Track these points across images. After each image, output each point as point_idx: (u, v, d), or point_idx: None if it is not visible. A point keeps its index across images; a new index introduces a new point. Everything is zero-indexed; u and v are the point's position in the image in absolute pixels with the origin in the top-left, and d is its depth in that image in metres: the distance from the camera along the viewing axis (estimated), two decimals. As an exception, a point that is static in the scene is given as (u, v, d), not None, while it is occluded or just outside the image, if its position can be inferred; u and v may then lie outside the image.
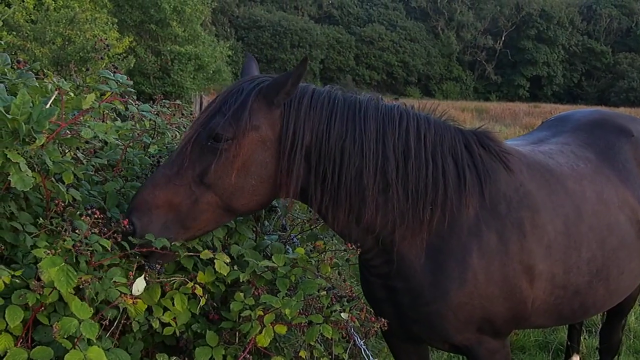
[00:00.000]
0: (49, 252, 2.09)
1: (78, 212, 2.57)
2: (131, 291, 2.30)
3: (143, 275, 2.40)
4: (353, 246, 2.79)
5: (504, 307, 2.90)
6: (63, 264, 2.06)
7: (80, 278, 2.10)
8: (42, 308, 2.15)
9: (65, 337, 2.00)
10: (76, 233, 2.20)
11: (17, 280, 2.09)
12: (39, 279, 2.05)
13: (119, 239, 2.38)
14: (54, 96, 2.44)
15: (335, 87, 2.88)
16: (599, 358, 4.87)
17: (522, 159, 3.14)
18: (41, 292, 2.05)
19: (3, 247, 2.28)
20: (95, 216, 2.28)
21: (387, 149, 2.70)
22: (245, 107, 2.59)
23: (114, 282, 2.31)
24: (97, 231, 2.27)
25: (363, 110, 2.73)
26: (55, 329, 1.99)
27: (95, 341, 2.04)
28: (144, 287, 2.36)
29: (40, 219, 2.43)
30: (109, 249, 2.31)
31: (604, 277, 3.22)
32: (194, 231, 2.64)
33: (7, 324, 2.01)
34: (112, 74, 2.86)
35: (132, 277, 2.37)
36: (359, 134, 2.68)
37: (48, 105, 2.34)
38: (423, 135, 2.77)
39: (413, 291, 2.87)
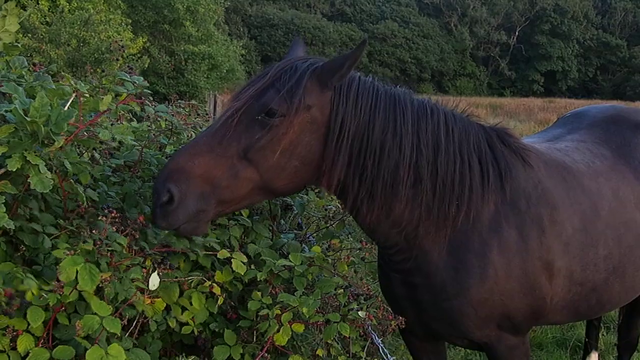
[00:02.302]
0: (68, 252, 2.11)
1: (96, 213, 2.60)
2: (148, 287, 2.32)
3: (156, 271, 2.41)
4: (368, 244, 2.79)
5: (524, 303, 2.91)
6: (85, 262, 2.08)
7: (102, 277, 2.12)
8: (63, 308, 2.17)
9: (87, 334, 2.02)
10: (94, 233, 2.21)
11: (33, 287, 2.11)
12: (58, 280, 2.07)
13: (136, 236, 2.38)
14: (71, 98, 2.46)
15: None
16: (617, 354, 4.84)
17: (540, 156, 3.14)
18: (61, 293, 2.07)
19: (24, 249, 2.31)
20: (112, 215, 2.27)
21: (421, 143, 2.69)
22: (300, 85, 2.53)
23: (132, 280, 2.33)
24: (115, 229, 2.29)
25: (402, 103, 2.72)
26: (79, 326, 2.01)
27: (116, 339, 2.06)
28: (158, 282, 2.37)
29: (61, 220, 2.45)
30: (126, 246, 2.33)
31: (620, 274, 3.21)
32: (229, 206, 2.57)
33: (29, 324, 2.03)
34: (128, 76, 2.88)
35: (146, 274, 2.39)
36: (399, 127, 2.66)
37: (66, 108, 2.36)
38: (451, 130, 2.77)
39: (434, 287, 2.87)
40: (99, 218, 2.29)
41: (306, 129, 2.57)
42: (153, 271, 2.39)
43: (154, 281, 2.35)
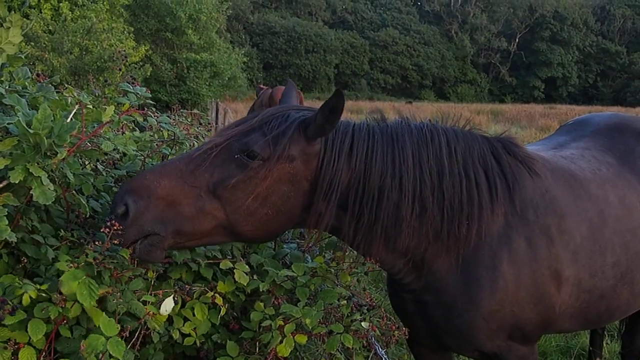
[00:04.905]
0: (71, 265, 2.10)
1: (98, 224, 2.59)
2: (159, 310, 2.30)
3: (172, 296, 2.40)
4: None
5: (534, 312, 2.90)
6: (84, 277, 2.07)
7: (101, 292, 2.11)
8: (65, 321, 2.16)
9: (92, 354, 2.01)
10: (97, 244, 2.20)
11: (42, 294, 2.10)
12: (60, 292, 2.06)
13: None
14: (74, 110, 2.46)
15: (369, 119, 2.81)
16: (621, 363, 4.82)
17: (546, 164, 3.13)
18: (63, 305, 2.06)
19: (26, 260, 2.30)
20: (115, 227, 2.23)
21: (423, 173, 2.65)
22: (287, 134, 2.48)
23: (134, 291, 2.33)
24: (117, 242, 2.27)
25: (400, 141, 2.66)
26: (83, 346, 1.99)
27: (120, 358, 2.04)
28: (172, 307, 2.36)
29: (62, 230, 2.44)
30: (128, 258, 2.31)
31: (628, 281, 3.21)
32: (187, 239, 2.46)
33: (30, 338, 2.02)
34: (131, 87, 2.88)
35: (161, 295, 2.37)
36: (399, 167, 2.61)
37: (69, 119, 2.36)
38: (454, 150, 2.73)
39: (445, 303, 2.86)
40: (102, 230, 2.26)
41: (285, 179, 2.51)
42: (168, 295, 2.38)
43: (168, 306, 2.33)
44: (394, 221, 2.63)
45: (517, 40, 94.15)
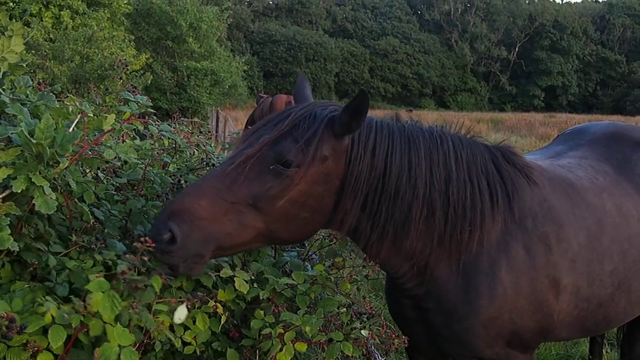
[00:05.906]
0: (97, 275, 2.09)
1: (105, 230, 2.60)
2: (172, 320, 2.30)
3: (185, 304, 2.39)
4: (371, 262, 2.79)
5: (532, 320, 2.92)
6: (109, 289, 2.05)
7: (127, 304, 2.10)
8: (84, 329, 2.12)
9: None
10: (128, 256, 2.17)
11: (52, 309, 2.09)
12: (84, 300, 2.05)
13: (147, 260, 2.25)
14: (77, 119, 2.48)
15: (388, 117, 2.84)
16: (620, 371, 4.82)
17: (544, 173, 3.16)
18: (85, 314, 2.04)
19: (37, 264, 2.30)
20: (148, 244, 2.17)
21: (434, 177, 2.68)
22: (317, 135, 2.48)
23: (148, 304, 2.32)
24: (147, 259, 2.22)
25: (416, 142, 2.69)
26: (96, 354, 1.99)
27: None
28: (185, 315, 2.33)
29: (73, 236, 2.44)
30: (158, 289, 2.26)
31: (625, 289, 3.23)
32: (226, 251, 2.50)
33: (49, 343, 2.00)
34: (132, 95, 2.90)
35: (174, 304, 2.37)
36: (414, 168, 2.64)
37: (71, 129, 2.38)
38: (460, 156, 2.76)
39: (444, 310, 2.88)
40: (134, 244, 2.21)
41: (320, 180, 2.51)
42: (181, 304, 2.36)
43: (181, 314, 2.30)
44: (404, 220, 2.65)
45: (517, 49, 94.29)
